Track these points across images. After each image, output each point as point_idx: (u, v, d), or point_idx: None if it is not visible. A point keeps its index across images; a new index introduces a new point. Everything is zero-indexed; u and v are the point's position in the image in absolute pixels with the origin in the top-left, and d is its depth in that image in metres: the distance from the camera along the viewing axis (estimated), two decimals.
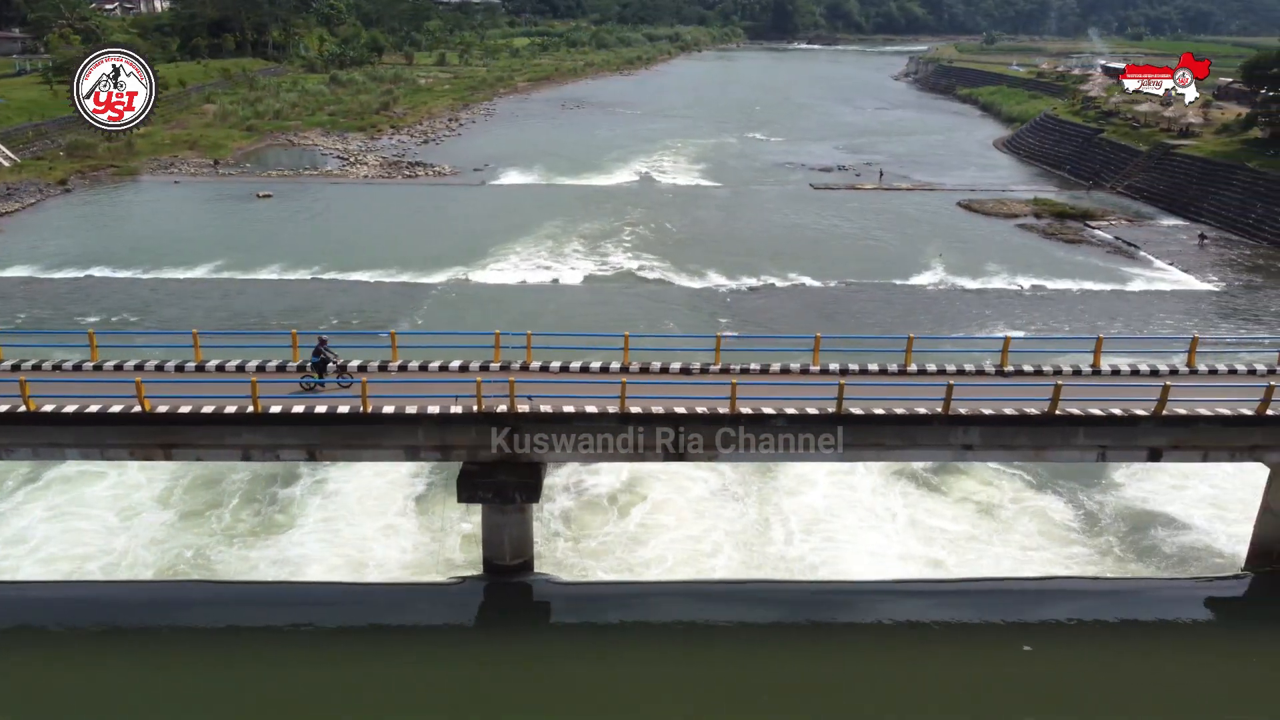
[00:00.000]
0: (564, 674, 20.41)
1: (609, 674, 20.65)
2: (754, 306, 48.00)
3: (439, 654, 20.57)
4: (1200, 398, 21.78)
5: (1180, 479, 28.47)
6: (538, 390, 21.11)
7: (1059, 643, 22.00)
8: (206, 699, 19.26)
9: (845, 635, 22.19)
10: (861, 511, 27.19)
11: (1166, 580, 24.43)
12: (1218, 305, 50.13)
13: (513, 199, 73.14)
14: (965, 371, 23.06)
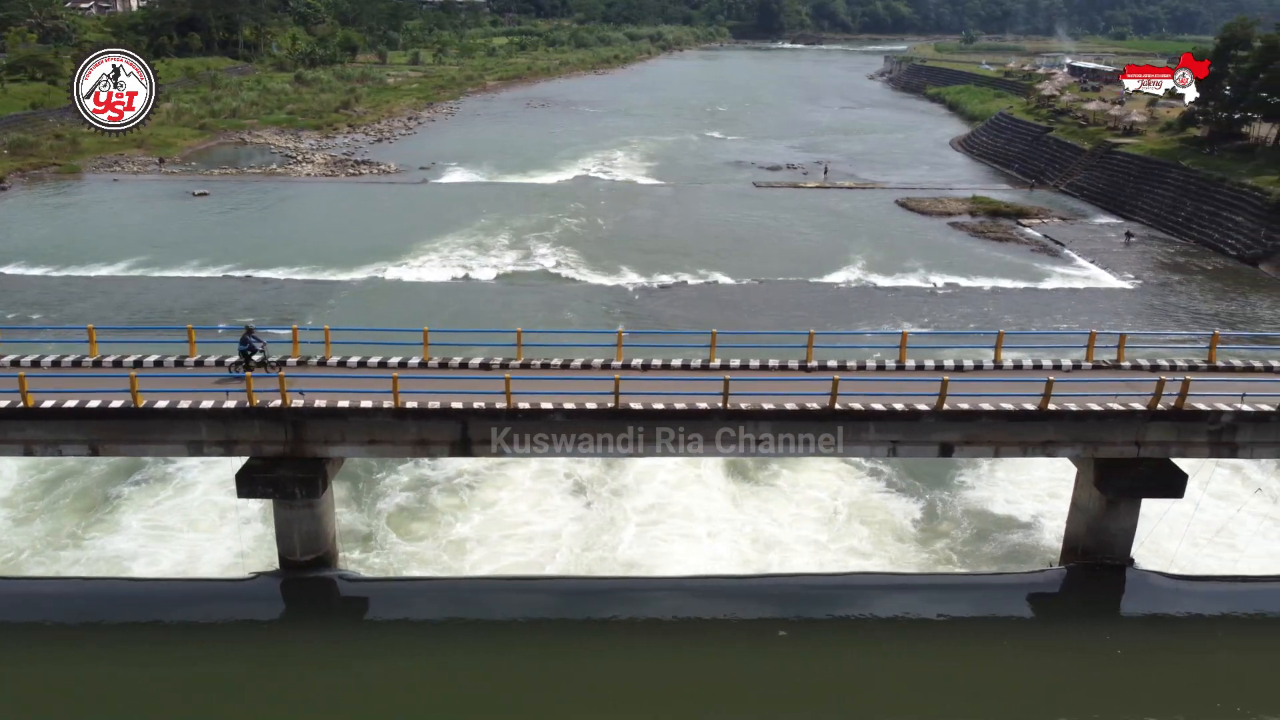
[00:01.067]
0: (347, 670, 20.40)
1: (396, 670, 20.61)
2: (657, 304, 48.01)
3: (215, 650, 20.55)
4: (1012, 393, 21.86)
5: (1027, 477, 28.51)
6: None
7: (872, 638, 21.94)
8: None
9: (650, 631, 22.19)
10: (701, 510, 27.20)
11: (986, 575, 24.45)
12: (1127, 302, 50.21)
13: (451, 197, 73.11)
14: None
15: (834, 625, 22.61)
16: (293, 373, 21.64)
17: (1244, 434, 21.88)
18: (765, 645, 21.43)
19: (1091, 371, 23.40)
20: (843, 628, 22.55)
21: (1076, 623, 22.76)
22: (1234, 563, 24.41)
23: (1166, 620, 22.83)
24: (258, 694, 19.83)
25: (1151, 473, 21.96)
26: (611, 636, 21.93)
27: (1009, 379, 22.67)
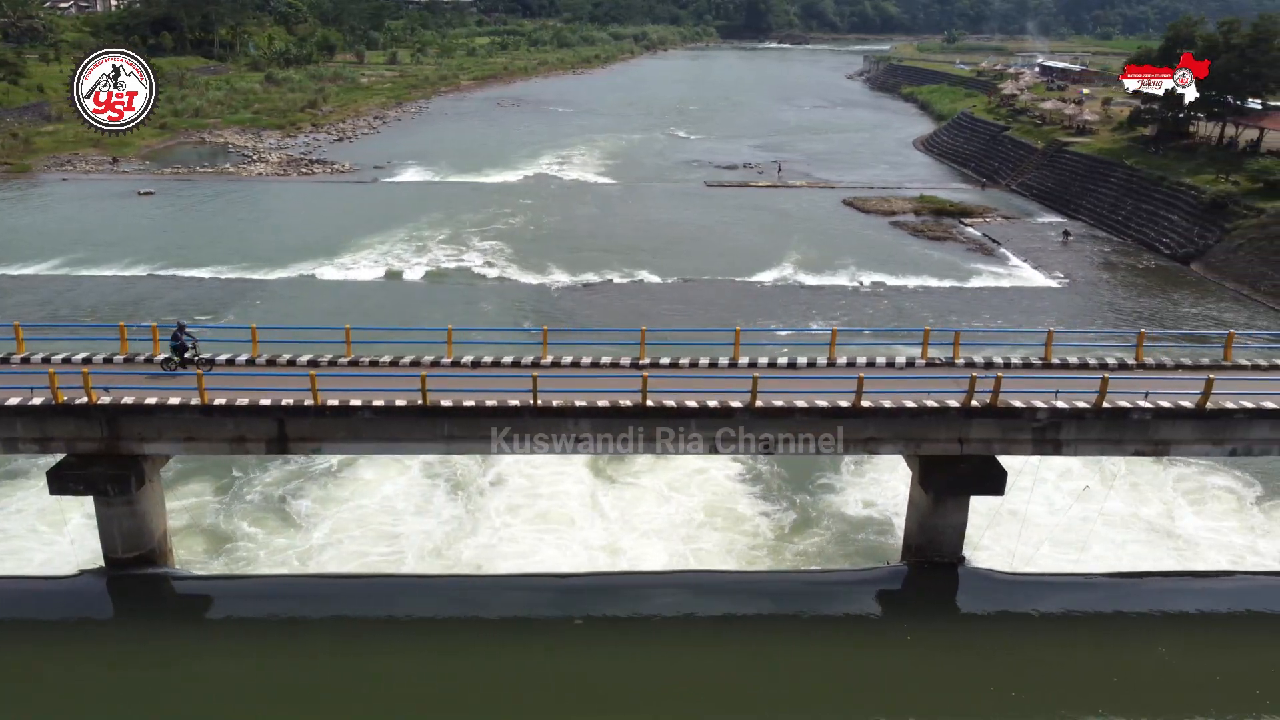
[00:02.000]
0: (172, 667, 20.43)
1: (226, 667, 20.64)
2: (576, 304, 48.01)
3: (33, 647, 20.59)
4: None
5: (890, 477, 28.47)
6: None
7: (708, 636, 22.06)
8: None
9: (490, 629, 22.19)
10: (560, 509, 27.20)
11: (828, 573, 24.39)
12: (1052, 300, 50.18)
13: (400, 196, 73.17)
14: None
15: (673, 623, 22.65)
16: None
17: (1067, 431, 21.89)
18: (613, 642, 21.57)
19: (925, 369, 23.38)
20: (681, 626, 22.60)
21: (909, 619, 22.80)
22: (1075, 561, 24.38)
23: (995, 617, 22.85)
24: (73, 690, 19.86)
25: (973, 470, 21.97)
26: (451, 634, 21.97)
27: (828, 376, 22.66)
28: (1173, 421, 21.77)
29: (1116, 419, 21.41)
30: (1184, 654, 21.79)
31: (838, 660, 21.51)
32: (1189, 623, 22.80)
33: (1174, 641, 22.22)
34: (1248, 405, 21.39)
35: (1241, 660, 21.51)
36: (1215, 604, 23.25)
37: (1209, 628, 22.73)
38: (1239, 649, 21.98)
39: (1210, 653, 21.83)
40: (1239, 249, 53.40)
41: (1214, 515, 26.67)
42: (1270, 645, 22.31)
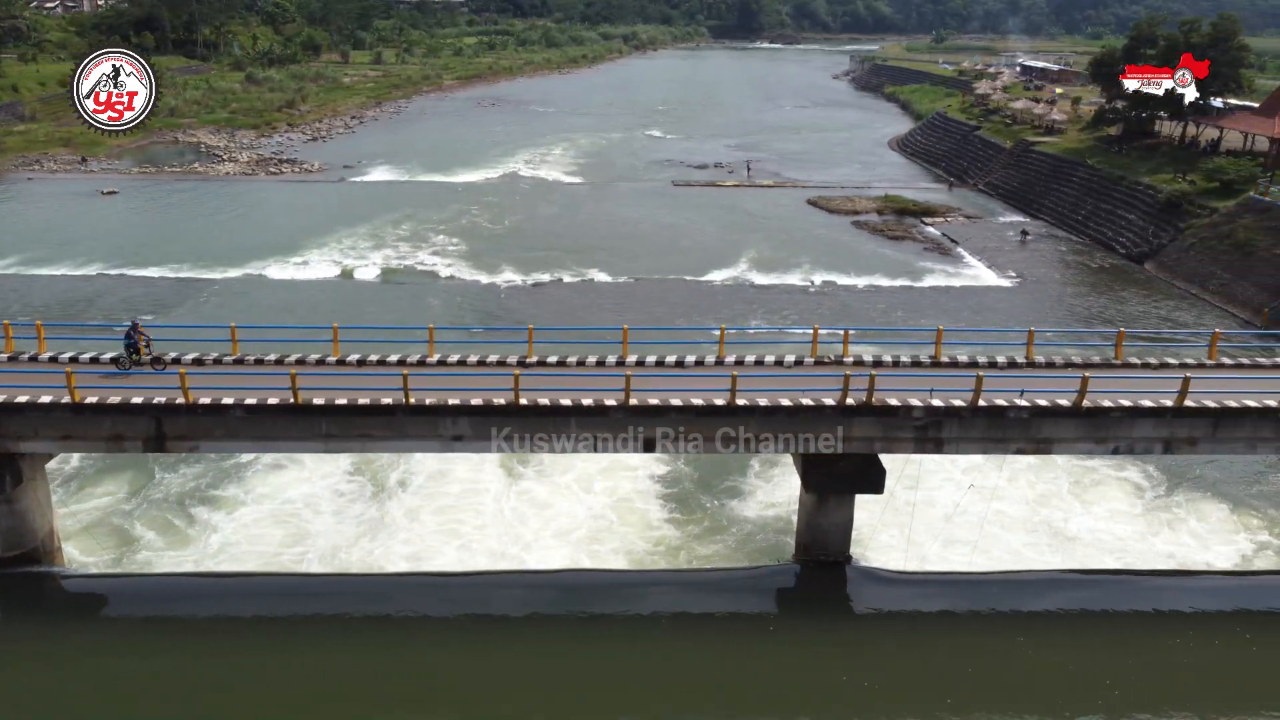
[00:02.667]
0: (58, 667, 20.45)
1: (114, 666, 20.66)
2: (521, 302, 48.01)
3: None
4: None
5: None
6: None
7: (603, 633, 22.14)
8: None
9: (387, 627, 22.21)
10: (469, 507, 27.17)
11: (722, 571, 24.35)
12: (1000, 300, 50.14)
13: (365, 195, 73.18)
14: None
15: (561, 622, 22.66)
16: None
17: (949, 430, 21.88)
18: (501, 641, 21.57)
19: (813, 367, 23.37)
20: (568, 625, 22.61)
21: (795, 618, 22.83)
22: (966, 561, 24.38)
23: (879, 616, 22.89)
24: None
25: (853, 469, 21.96)
26: (345, 632, 21.91)
27: (716, 374, 22.65)
28: (1055, 420, 21.76)
29: (995, 418, 21.40)
30: (1070, 651, 21.69)
31: (720, 658, 21.42)
32: (1076, 620, 22.78)
33: (1059, 639, 22.19)
34: (1125, 404, 21.38)
35: (1130, 658, 21.48)
36: (1105, 602, 23.21)
37: (1098, 626, 22.69)
38: (1128, 647, 21.93)
39: (1098, 650, 21.74)
40: (1191, 248, 53.38)
41: (1108, 514, 26.68)
42: (1159, 643, 22.25)
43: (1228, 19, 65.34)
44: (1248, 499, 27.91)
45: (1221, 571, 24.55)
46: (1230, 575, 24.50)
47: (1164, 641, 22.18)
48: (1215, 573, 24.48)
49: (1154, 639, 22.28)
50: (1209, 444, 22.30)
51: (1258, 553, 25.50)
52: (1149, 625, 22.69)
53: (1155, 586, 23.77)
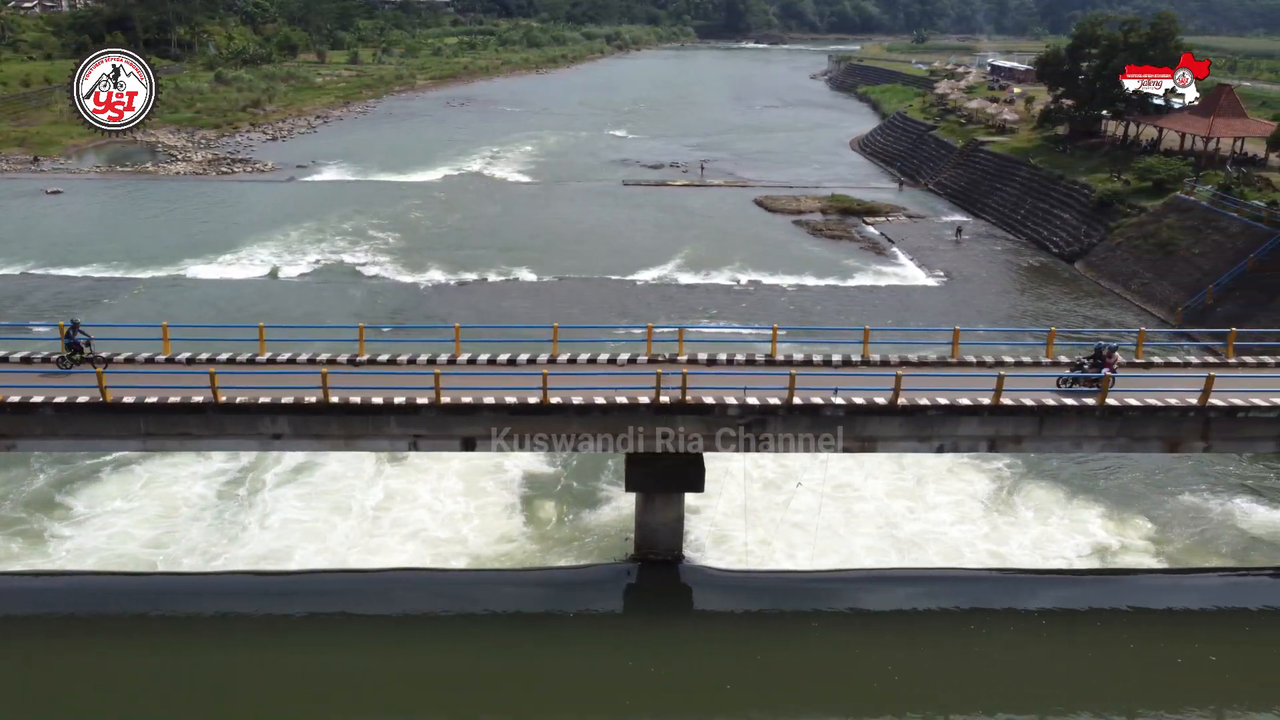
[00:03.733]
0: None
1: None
2: (438, 302, 47.92)
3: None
4: None
5: None
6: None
7: (428, 632, 22.13)
8: None
9: (206, 626, 22.24)
10: (319, 505, 27.07)
11: (560, 570, 24.25)
12: (921, 298, 50.03)
13: (312, 195, 73.14)
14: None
15: (397, 621, 22.65)
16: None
17: (773, 428, 21.83)
18: (344, 639, 21.63)
19: (646, 365, 23.30)
20: (405, 623, 22.59)
21: (627, 616, 22.82)
22: (804, 559, 24.34)
23: (708, 614, 22.88)
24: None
25: (673, 468, 21.91)
26: (179, 631, 21.93)
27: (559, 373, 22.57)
28: (878, 419, 21.74)
29: (811, 415, 21.36)
30: (898, 650, 21.71)
31: (548, 655, 21.38)
32: (907, 619, 22.78)
33: (889, 637, 22.18)
34: (943, 402, 21.34)
35: (960, 656, 21.45)
36: (932, 601, 23.16)
37: (925, 624, 22.69)
38: (957, 645, 21.90)
39: (924, 648, 21.78)
40: (1118, 248, 53.34)
41: (954, 514, 26.61)
42: (990, 641, 22.20)
43: (1166, 19, 65.34)
44: (1093, 496, 27.86)
45: (1057, 570, 24.49)
46: (1066, 574, 24.44)
47: (996, 639, 22.13)
48: (1051, 571, 24.45)
49: (986, 637, 22.22)
50: (1034, 442, 22.26)
51: (1097, 552, 25.43)
52: (981, 623, 22.63)
53: (990, 584, 23.75)
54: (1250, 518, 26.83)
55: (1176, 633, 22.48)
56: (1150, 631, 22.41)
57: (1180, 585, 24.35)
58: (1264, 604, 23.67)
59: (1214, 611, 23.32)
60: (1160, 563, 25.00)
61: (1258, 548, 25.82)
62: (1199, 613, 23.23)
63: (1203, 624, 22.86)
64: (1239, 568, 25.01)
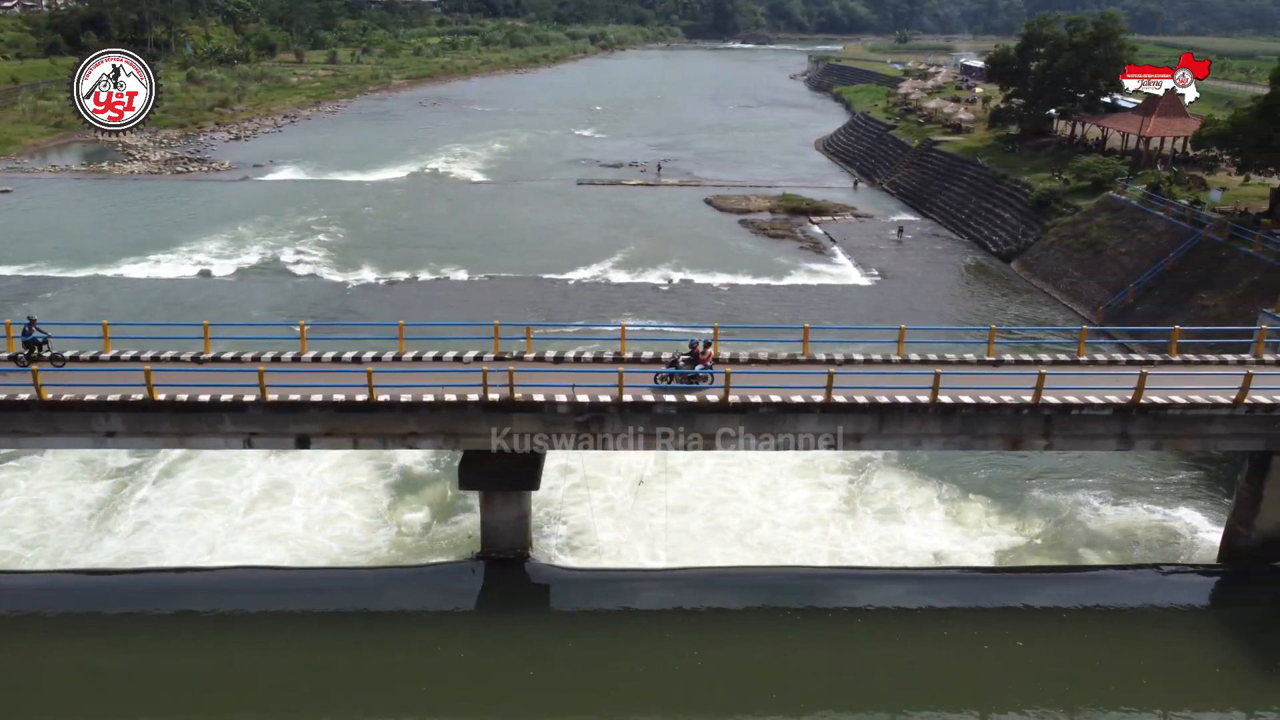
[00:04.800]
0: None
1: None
2: (362, 301, 47.88)
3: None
4: None
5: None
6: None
7: (264, 632, 22.05)
8: None
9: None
10: (176, 501, 27.00)
11: (408, 568, 23.98)
12: (854, 298, 49.92)
13: (263, 194, 73.06)
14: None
15: (247, 618, 22.55)
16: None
17: (611, 425, 21.80)
18: (192, 636, 21.56)
19: (494, 362, 23.25)
20: (253, 621, 22.51)
21: (468, 614, 22.77)
22: (652, 556, 24.30)
23: (551, 612, 22.76)
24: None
25: (507, 465, 21.86)
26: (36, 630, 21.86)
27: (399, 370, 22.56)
28: (717, 416, 21.70)
29: (645, 412, 21.32)
30: (741, 648, 21.62)
31: (386, 653, 21.26)
32: (751, 617, 22.68)
33: (734, 635, 22.09)
34: (775, 399, 21.30)
35: (804, 653, 21.36)
36: (780, 599, 23.07)
37: (772, 621, 22.54)
38: (795, 641, 21.82)
39: (767, 645, 21.66)
40: (1051, 247, 53.31)
41: (805, 512, 26.60)
42: (828, 638, 22.10)
43: (1110, 18, 65.30)
44: (962, 491, 27.93)
45: (902, 568, 24.45)
46: (912, 571, 24.40)
47: (835, 635, 22.07)
48: (896, 569, 24.40)
49: (828, 634, 22.14)
50: (875, 440, 22.24)
51: (950, 550, 25.41)
52: (826, 621, 22.54)
53: (837, 582, 23.71)
54: (1103, 517, 26.96)
55: (1018, 630, 22.40)
56: (996, 628, 22.36)
57: (1022, 583, 24.29)
58: (1115, 602, 23.63)
59: (1059, 609, 23.20)
60: (1001, 561, 25.04)
61: (1112, 545, 25.89)
62: (1040, 610, 23.09)
63: (1038, 621, 22.73)
64: (1091, 566, 25.01)
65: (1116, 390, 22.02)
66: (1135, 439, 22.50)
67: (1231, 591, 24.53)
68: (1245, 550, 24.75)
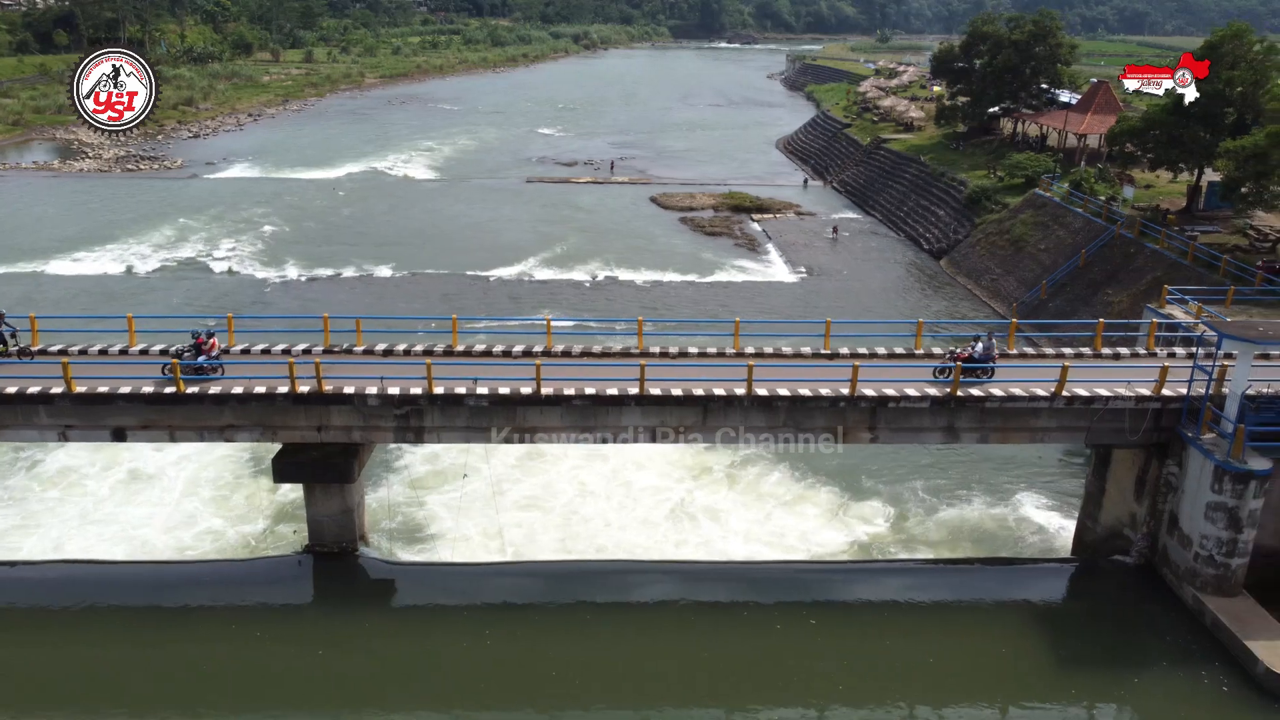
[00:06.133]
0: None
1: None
2: (279, 296, 47.75)
3: None
4: None
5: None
6: None
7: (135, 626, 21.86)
8: None
9: None
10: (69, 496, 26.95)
11: (233, 563, 23.70)
12: (775, 295, 49.77)
13: (209, 191, 72.95)
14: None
15: (89, 615, 22.23)
16: None
17: (430, 419, 21.66)
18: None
19: (341, 354, 23.11)
20: (71, 617, 22.25)
21: (299, 608, 22.60)
22: (487, 550, 24.16)
23: (377, 606, 22.54)
24: None
25: (324, 457, 21.72)
26: None
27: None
28: (538, 409, 21.57)
29: (455, 405, 21.17)
30: (564, 643, 21.41)
31: (207, 647, 21.05)
32: (579, 611, 22.48)
33: (558, 630, 21.87)
34: (590, 392, 21.17)
35: (622, 645, 21.19)
36: (612, 593, 22.94)
37: (598, 616, 22.37)
38: (624, 635, 21.63)
39: (603, 640, 21.44)
40: (977, 244, 53.21)
41: (650, 505, 26.54)
42: (652, 631, 21.89)
43: (1048, 15, 65.17)
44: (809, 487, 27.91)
45: (742, 562, 24.33)
46: (753, 566, 24.28)
47: (670, 628, 21.85)
48: (737, 563, 24.29)
49: (658, 626, 21.90)
50: (699, 433, 22.10)
51: (802, 544, 25.34)
52: (654, 613, 22.35)
53: (669, 576, 23.57)
54: (975, 512, 26.84)
55: (858, 623, 22.22)
56: (843, 623, 22.19)
57: (867, 576, 24.18)
58: (967, 596, 23.54)
59: (900, 603, 23.05)
60: (854, 556, 24.95)
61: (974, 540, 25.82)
62: (880, 604, 22.98)
63: (895, 615, 22.59)
64: (948, 560, 24.90)
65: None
66: (961, 432, 22.38)
67: (1074, 585, 24.41)
68: (1092, 544, 24.68)
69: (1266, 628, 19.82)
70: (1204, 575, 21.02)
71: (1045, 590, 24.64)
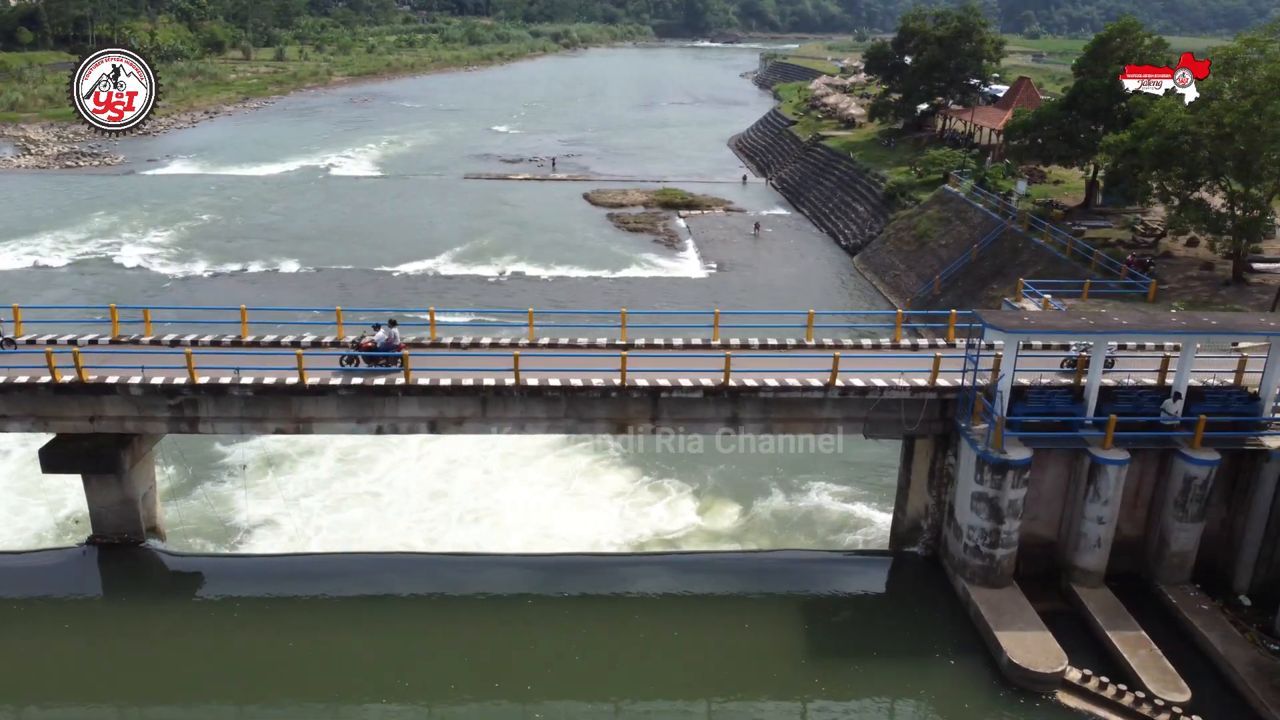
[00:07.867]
0: None
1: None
2: (179, 291, 47.64)
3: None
4: None
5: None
6: None
7: None
8: None
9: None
10: None
11: (13, 554, 23.60)
12: (679, 291, 49.54)
13: (143, 187, 72.95)
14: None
15: None
16: None
17: (205, 409, 21.47)
18: None
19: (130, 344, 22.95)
20: None
21: (80, 600, 22.35)
22: (297, 541, 24.03)
23: (160, 598, 22.27)
24: None
25: (93, 448, 21.54)
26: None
27: None
28: (314, 400, 21.38)
29: (218, 395, 20.99)
30: (363, 632, 20.99)
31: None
32: (378, 603, 22.15)
33: (341, 623, 21.66)
34: (365, 383, 21.00)
35: (427, 638, 20.86)
36: (415, 585, 22.68)
37: (400, 608, 22.11)
38: (416, 626, 21.37)
39: (408, 634, 21.13)
40: (887, 240, 53.03)
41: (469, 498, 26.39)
42: (465, 622, 21.66)
43: (972, 12, 65.02)
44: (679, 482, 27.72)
45: (563, 554, 24.16)
46: (578, 556, 24.11)
47: (470, 619, 21.55)
48: (558, 554, 24.13)
49: (454, 618, 21.61)
50: (478, 423, 21.88)
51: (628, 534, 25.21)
52: (468, 606, 22.02)
53: (477, 567, 23.40)
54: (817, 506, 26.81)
55: (665, 614, 21.98)
56: (636, 610, 21.98)
57: (677, 566, 23.99)
58: (777, 588, 23.34)
59: (712, 595, 22.85)
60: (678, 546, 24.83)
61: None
62: (685, 597, 22.77)
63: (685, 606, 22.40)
64: (769, 550, 24.88)
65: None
66: (744, 423, 22.16)
67: (876, 577, 24.24)
68: (900, 536, 24.50)
69: (1019, 619, 19.62)
70: (972, 566, 20.83)
71: (852, 582, 24.34)
